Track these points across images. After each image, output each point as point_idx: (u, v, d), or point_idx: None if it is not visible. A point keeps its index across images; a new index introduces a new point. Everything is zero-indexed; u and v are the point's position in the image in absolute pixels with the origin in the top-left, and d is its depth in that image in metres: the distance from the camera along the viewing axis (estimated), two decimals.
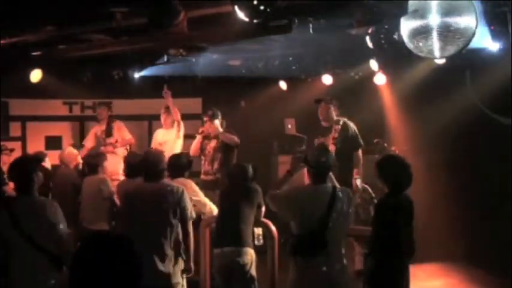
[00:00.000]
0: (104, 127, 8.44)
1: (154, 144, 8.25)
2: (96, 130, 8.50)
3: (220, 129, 7.16)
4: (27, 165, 4.22)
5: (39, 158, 4.58)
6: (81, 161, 6.92)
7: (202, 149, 7.23)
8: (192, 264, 4.83)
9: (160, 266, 4.56)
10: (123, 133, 8.46)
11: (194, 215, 4.88)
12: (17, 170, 4.20)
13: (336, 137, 6.77)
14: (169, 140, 8.01)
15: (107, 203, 6.04)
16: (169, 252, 4.63)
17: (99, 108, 8.66)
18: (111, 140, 8.35)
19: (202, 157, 7.25)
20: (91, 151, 7.81)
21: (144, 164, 4.83)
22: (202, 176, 7.16)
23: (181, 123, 8.02)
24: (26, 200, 4.06)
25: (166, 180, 4.88)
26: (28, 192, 4.07)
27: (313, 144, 6.91)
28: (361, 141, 6.88)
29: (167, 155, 6.27)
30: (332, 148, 6.72)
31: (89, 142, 8.44)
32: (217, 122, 7.14)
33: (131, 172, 5.73)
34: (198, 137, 7.24)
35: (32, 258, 3.94)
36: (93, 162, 6.40)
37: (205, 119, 7.23)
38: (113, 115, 8.65)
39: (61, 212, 4.08)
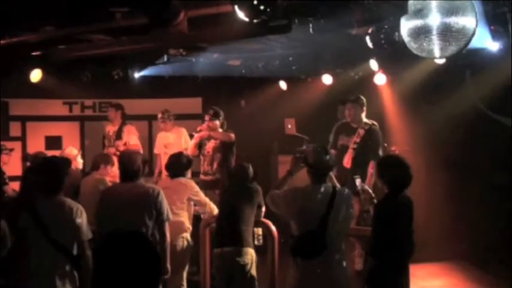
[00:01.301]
0: (116, 128, 8.39)
1: (159, 147, 8.26)
2: (109, 129, 8.45)
3: (219, 130, 7.13)
4: (60, 167, 4.21)
5: (69, 160, 4.54)
6: (80, 161, 6.89)
7: (200, 148, 7.19)
8: (168, 265, 4.74)
9: None
10: (130, 137, 8.39)
11: (171, 217, 4.79)
12: (48, 169, 4.19)
13: (358, 142, 6.63)
14: (174, 142, 8.00)
15: None
16: None
17: (109, 111, 8.54)
18: (119, 142, 8.29)
19: (201, 157, 7.19)
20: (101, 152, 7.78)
21: (119, 164, 4.83)
22: (202, 176, 7.12)
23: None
24: (52, 201, 4.05)
25: (143, 181, 4.83)
26: (56, 194, 4.07)
27: (337, 141, 6.81)
28: (381, 152, 6.65)
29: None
30: (351, 153, 6.62)
31: (107, 141, 8.43)
32: (217, 122, 7.10)
33: None
34: (196, 136, 7.18)
35: (53, 259, 3.95)
36: (99, 160, 6.38)
37: (206, 117, 7.16)
38: (126, 115, 8.52)
39: (85, 216, 4.10)
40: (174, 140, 8.08)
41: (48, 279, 3.95)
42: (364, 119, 6.80)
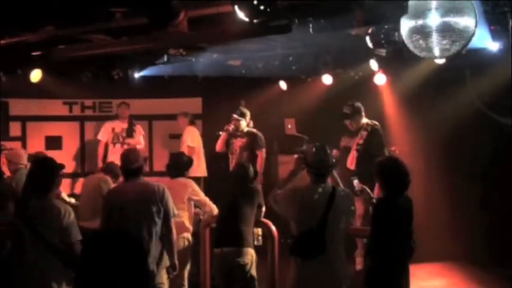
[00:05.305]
0: (125, 126, 8.62)
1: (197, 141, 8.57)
2: (114, 126, 8.64)
3: (246, 129, 7.38)
4: (53, 168, 4.20)
5: (62, 164, 4.54)
6: (26, 163, 6.72)
7: (228, 146, 7.43)
8: (176, 261, 4.81)
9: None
10: (139, 137, 8.74)
11: (176, 213, 4.88)
12: (41, 169, 4.19)
13: (361, 144, 6.69)
14: (196, 145, 8.34)
15: None
16: (153, 250, 4.63)
17: (121, 108, 8.78)
18: (130, 140, 8.53)
19: (230, 155, 7.46)
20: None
21: (121, 163, 4.85)
22: None
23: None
24: (42, 202, 4.03)
25: (146, 179, 4.89)
26: (46, 194, 4.06)
27: (339, 142, 6.89)
28: (386, 152, 6.67)
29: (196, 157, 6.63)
30: (354, 154, 6.66)
31: (105, 136, 8.62)
32: (243, 122, 7.34)
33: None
34: (223, 134, 7.43)
35: (47, 260, 3.93)
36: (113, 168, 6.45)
37: (234, 116, 7.40)
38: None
39: (74, 218, 4.09)
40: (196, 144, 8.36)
41: (43, 281, 3.94)
42: (365, 120, 6.82)
